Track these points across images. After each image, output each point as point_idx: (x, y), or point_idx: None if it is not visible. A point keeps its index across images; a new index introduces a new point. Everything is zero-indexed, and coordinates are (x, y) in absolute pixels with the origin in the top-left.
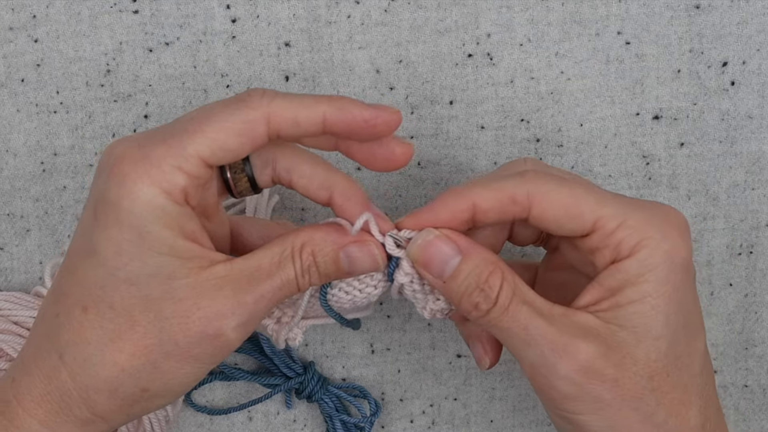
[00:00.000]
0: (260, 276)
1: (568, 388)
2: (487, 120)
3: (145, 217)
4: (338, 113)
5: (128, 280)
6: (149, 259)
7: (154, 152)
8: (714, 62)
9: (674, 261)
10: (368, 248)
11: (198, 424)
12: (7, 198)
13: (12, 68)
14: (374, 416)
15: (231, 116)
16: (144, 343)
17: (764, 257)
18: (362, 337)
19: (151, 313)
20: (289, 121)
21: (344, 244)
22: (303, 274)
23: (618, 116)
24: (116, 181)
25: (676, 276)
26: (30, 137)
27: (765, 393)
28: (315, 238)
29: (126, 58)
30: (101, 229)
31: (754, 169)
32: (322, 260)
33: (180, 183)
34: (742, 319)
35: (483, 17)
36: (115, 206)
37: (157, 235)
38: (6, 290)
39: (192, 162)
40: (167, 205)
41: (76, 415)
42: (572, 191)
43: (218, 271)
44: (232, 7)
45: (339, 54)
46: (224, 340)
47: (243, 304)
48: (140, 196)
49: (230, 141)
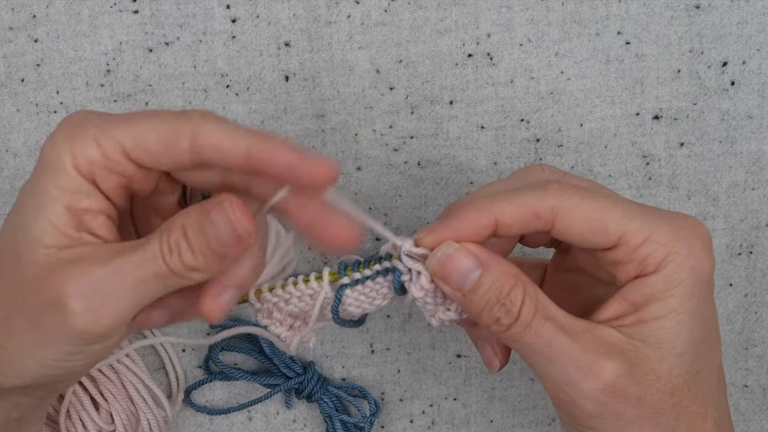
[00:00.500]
0: (122, 251)
1: (592, 406)
2: (487, 120)
3: (47, 170)
4: (263, 148)
5: (9, 228)
6: (30, 213)
7: (89, 120)
8: (714, 62)
9: (699, 276)
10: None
11: (198, 424)
12: (7, 198)
13: (12, 68)
14: (374, 416)
15: (163, 122)
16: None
17: (764, 257)
18: (362, 337)
19: (15, 266)
20: (214, 145)
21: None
22: (170, 249)
23: (618, 116)
24: (52, 138)
25: (700, 291)
26: (30, 137)
27: (765, 393)
28: (187, 212)
29: (126, 58)
30: (28, 182)
31: (754, 169)
32: (191, 232)
33: (91, 155)
34: (742, 319)
35: (483, 17)
36: (41, 159)
37: (46, 191)
38: None
39: (110, 144)
40: (69, 168)
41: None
42: (597, 204)
43: (84, 248)
44: (232, 7)
45: (339, 54)
46: (65, 314)
47: (89, 273)
48: (54, 149)
49: (152, 144)
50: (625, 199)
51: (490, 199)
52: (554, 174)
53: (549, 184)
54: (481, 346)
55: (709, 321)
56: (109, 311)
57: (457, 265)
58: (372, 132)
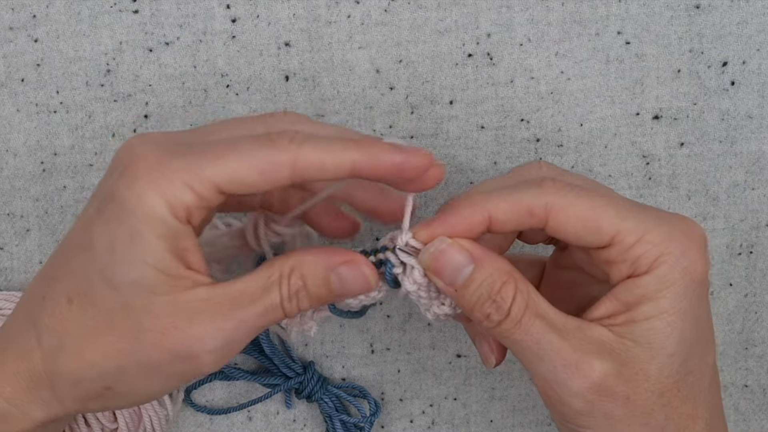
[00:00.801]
0: (243, 301)
1: (580, 404)
2: (487, 120)
3: (143, 222)
4: (368, 160)
5: (111, 282)
6: (134, 266)
7: (172, 164)
8: (714, 62)
9: (692, 278)
10: (359, 269)
11: (198, 423)
12: (7, 198)
13: (12, 68)
14: (374, 416)
15: (257, 152)
16: (117, 346)
17: (764, 257)
18: (362, 337)
19: (129, 321)
20: (316, 167)
21: (335, 265)
22: (290, 299)
23: (618, 116)
24: (127, 180)
25: (693, 292)
26: (30, 137)
27: (765, 393)
28: (305, 261)
29: (126, 58)
30: (101, 223)
31: (754, 169)
32: (312, 283)
33: (186, 201)
34: (742, 319)
35: (483, 17)
36: (119, 204)
37: (147, 243)
38: (6, 290)
39: (205, 186)
40: (167, 218)
41: (41, 397)
42: (591, 203)
43: (200, 293)
44: (232, 7)
45: (339, 54)
46: (197, 363)
47: (220, 330)
48: (145, 200)
49: (250, 177)
50: (621, 198)
51: (485, 196)
52: (552, 171)
53: (544, 181)
54: (479, 342)
55: (701, 322)
56: (230, 355)
57: (449, 260)
58: (372, 132)
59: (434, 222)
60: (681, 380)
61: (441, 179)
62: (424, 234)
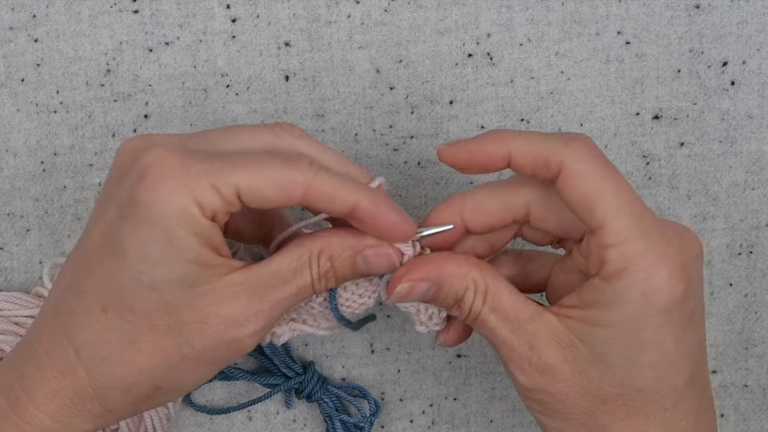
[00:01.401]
0: (277, 283)
1: (524, 392)
2: (487, 120)
3: (177, 223)
4: (370, 207)
5: (151, 285)
6: (176, 265)
7: (196, 166)
8: (714, 62)
9: (651, 304)
10: (384, 251)
11: (198, 423)
12: (7, 198)
13: (12, 68)
14: (374, 416)
15: (278, 169)
16: (162, 345)
17: (764, 257)
18: (362, 337)
19: (171, 318)
20: (326, 197)
21: (362, 248)
22: (320, 279)
23: (618, 116)
24: (150, 183)
25: (650, 318)
26: (30, 137)
27: (765, 393)
28: (333, 244)
29: (126, 58)
30: (131, 230)
31: (754, 169)
32: (339, 264)
33: (214, 203)
34: (742, 319)
35: (483, 17)
36: (147, 208)
37: (185, 242)
38: (6, 290)
39: (230, 190)
40: (199, 217)
41: (88, 410)
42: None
43: (236, 278)
44: (232, 7)
45: (339, 54)
46: (239, 346)
47: (259, 312)
48: (175, 201)
49: (268, 190)
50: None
51: (514, 134)
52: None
53: (574, 140)
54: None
55: (663, 347)
56: (267, 332)
57: (416, 293)
58: (372, 132)
59: (457, 145)
60: (627, 395)
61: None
62: (448, 152)
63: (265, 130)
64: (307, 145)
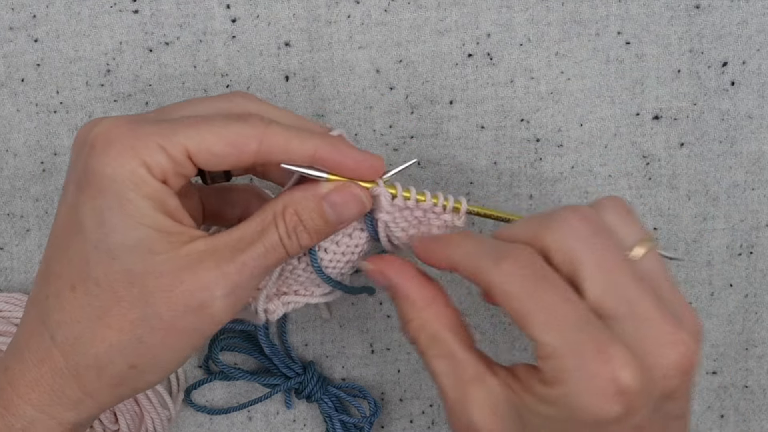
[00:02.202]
0: (242, 245)
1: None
2: (487, 120)
3: (126, 185)
4: (330, 150)
5: (110, 252)
6: (129, 230)
7: (143, 128)
8: (714, 62)
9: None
10: (349, 191)
11: (198, 423)
12: (7, 198)
13: (12, 68)
14: (374, 416)
15: (228, 125)
16: (129, 318)
17: (764, 257)
18: (362, 337)
19: (134, 288)
20: (282, 147)
21: (325, 193)
22: (289, 236)
23: (618, 116)
24: (99, 149)
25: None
26: (30, 137)
27: (765, 393)
28: (295, 197)
29: (126, 58)
30: (85, 200)
31: (754, 169)
32: (307, 216)
33: (162, 162)
34: (742, 319)
35: (483, 17)
36: (97, 174)
37: (137, 204)
38: (6, 290)
39: (178, 149)
40: (148, 177)
41: (68, 396)
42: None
43: (199, 245)
44: (232, 7)
45: (339, 54)
46: (210, 312)
47: (226, 275)
48: (123, 163)
49: (219, 147)
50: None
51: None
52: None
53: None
54: None
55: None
56: (242, 301)
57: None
58: (372, 132)
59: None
60: None
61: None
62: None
63: (218, 97)
64: (258, 106)
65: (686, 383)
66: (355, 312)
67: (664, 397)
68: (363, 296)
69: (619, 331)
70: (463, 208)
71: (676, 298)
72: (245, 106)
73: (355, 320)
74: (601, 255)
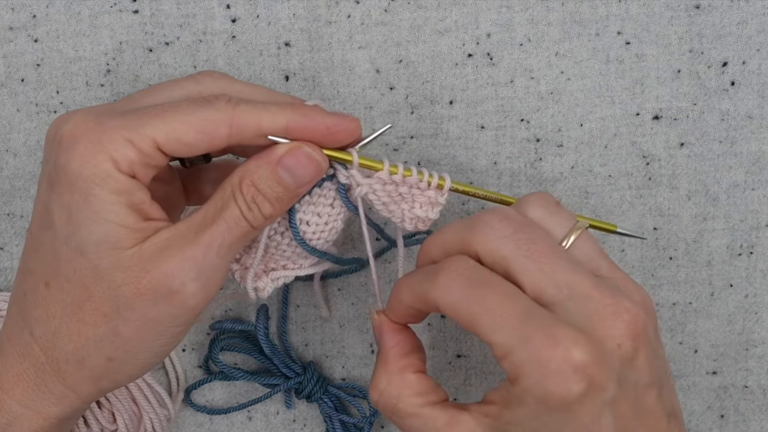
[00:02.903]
0: (205, 225)
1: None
2: (487, 120)
3: (92, 180)
4: (302, 120)
5: (78, 249)
6: (95, 225)
7: (109, 122)
8: (714, 62)
9: (548, 405)
10: (301, 152)
11: (198, 423)
12: (7, 198)
13: (12, 68)
14: (374, 416)
15: (195, 112)
16: (102, 311)
17: (764, 258)
18: (362, 337)
19: (103, 283)
20: (253, 127)
21: (278, 158)
22: (249, 208)
23: (618, 116)
24: (66, 146)
25: (549, 416)
26: (30, 137)
27: (765, 393)
28: (249, 167)
29: (126, 58)
30: (55, 197)
31: (754, 169)
32: (264, 185)
33: (129, 156)
34: (743, 319)
35: (483, 17)
36: (65, 170)
37: (102, 200)
38: (6, 290)
39: (145, 141)
40: (114, 172)
41: (51, 390)
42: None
43: (162, 234)
44: (232, 7)
45: (339, 54)
46: (181, 298)
47: (190, 258)
48: (89, 159)
49: (189, 135)
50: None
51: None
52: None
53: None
54: None
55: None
56: (214, 282)
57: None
58: (372, 132)
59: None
60: None
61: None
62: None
63: (187, 79)
64: (228, 84)
65: (642, 349)
66: (355, 312)
67: (625, 366)
68: (363, 296)
69: (564, 314)
70: (447, 185)
71: (617, 275)
72: (214, 86)
73: (355, 320)
74: (528, 248)
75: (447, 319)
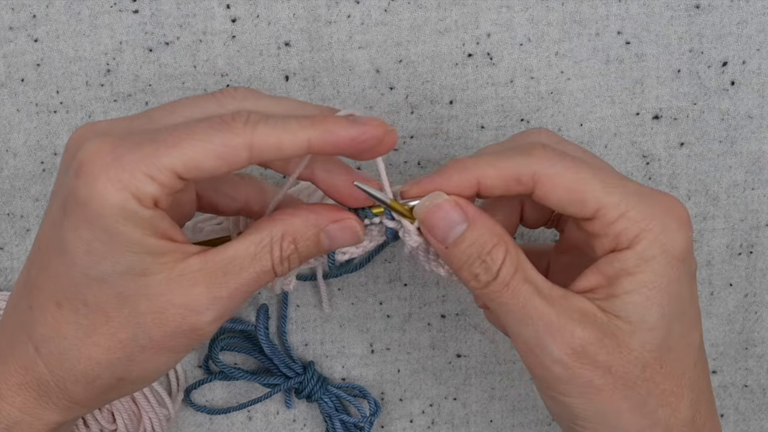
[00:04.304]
0: (235, 269)
1: (560, 370)
2: (487, 120)
3: (116, 220)
4: (324, 136)
5: (100, 278)
6: (121, 258)
7: (127, 157)
8: (714, 62)
9: (671, 254)
10: (348, 224)
11: (198, 423)
12: (7, 198)
13: (12, 68)
14: (374, 416)
15: (212, 138)
16: (119, 337)
17: (764, 257)
18: (362, 337)
19: (125, 308)
20: (273, 147)
21: (324, 225)
22: (282, 262)
23: (618, 116)
24: (85, 180)
25: (673, 269)
26: (30, 137)
27: (765, 393)
28: (295, 225)
29: (126, 58)
30: (71, 228)
31: (754, 169)
32: (303, 245)
33: (150, 191)
34: (742, 319)
35: (483, 17)
36: (84, 207)
37: (129, 236)
38: (6, 290)
39: (165, 174)
40: (138, 209)
41: (54, 403)
42: (578, 175)
43: (192, 264)
44: (232, 7)
45: (339, 54)
46: (199, 334)
47: (218, 299)
48: (110, 199)
49: (208, 162)
50: (610, 171)
51: (475, 161)
52: (549, 138)
53: (535, 148)
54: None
55: (683, 299)
56: (228, 317)
57: (444, 216)
58: None
59: (424, 181)
60: (663, 356)
61: (394, 145)
62: (415, 191)
63: (208, 98)
64: (253, 102)
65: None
66: (355, 312)
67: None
68: (363, 296)
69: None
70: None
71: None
72: (233, 106)
73: (355, 320)
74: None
75: (447, 319)
